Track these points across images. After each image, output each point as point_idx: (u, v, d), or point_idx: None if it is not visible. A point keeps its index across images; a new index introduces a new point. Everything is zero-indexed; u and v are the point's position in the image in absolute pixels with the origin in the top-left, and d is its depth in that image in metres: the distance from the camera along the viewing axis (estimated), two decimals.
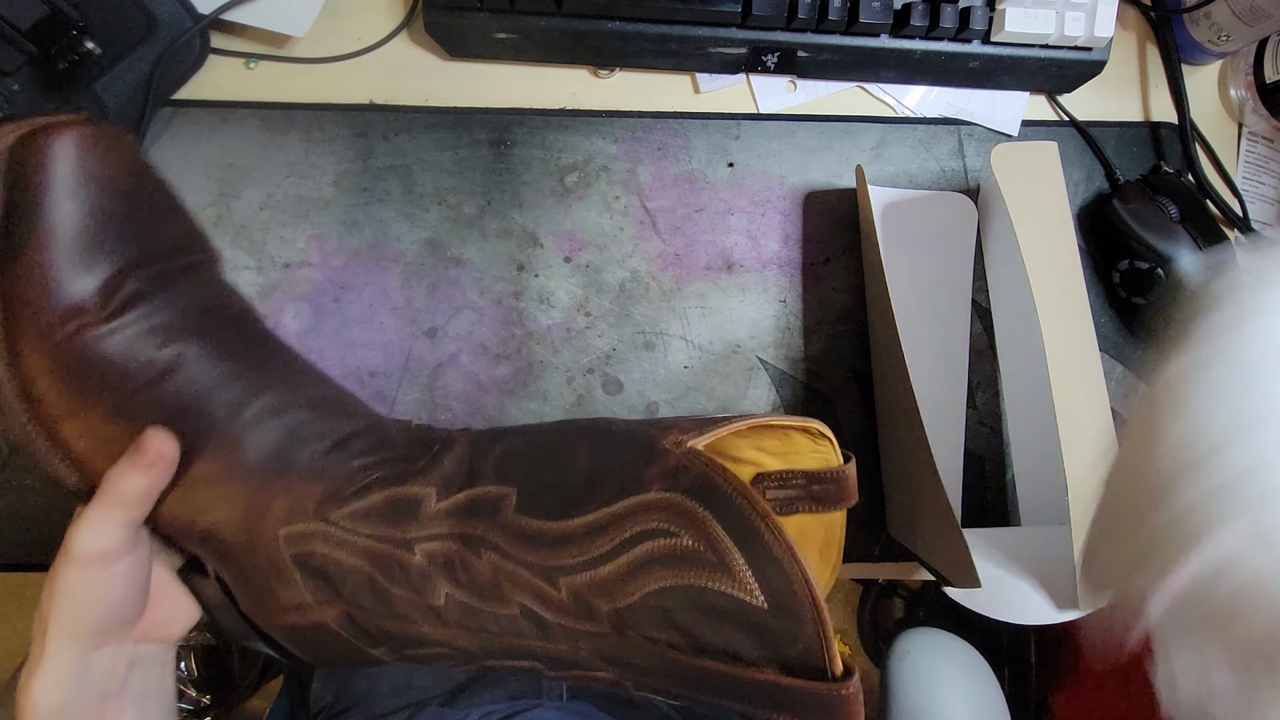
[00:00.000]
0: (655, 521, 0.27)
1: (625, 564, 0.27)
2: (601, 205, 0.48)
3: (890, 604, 1.26)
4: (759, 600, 0.25)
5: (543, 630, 0.29)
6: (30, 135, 0.28)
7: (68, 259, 0.29)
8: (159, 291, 0.32)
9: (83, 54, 0.41)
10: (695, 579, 0.26)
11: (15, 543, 0.46)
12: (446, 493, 0.32)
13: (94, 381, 0.30)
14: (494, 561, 0.29)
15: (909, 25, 0.46)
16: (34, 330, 0.29)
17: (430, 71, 0.48)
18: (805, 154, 0.49)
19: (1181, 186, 0.49)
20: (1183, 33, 0.51)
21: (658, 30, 0.46)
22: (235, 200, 0.47)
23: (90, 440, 0.31)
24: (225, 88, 0.47)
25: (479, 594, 0.30)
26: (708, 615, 0.26)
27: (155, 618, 0.35)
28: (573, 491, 0.29)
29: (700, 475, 0.28)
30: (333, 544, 0.32)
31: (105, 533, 0.30)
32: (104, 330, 0.30)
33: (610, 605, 0.27)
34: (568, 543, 0.28)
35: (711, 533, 0.26)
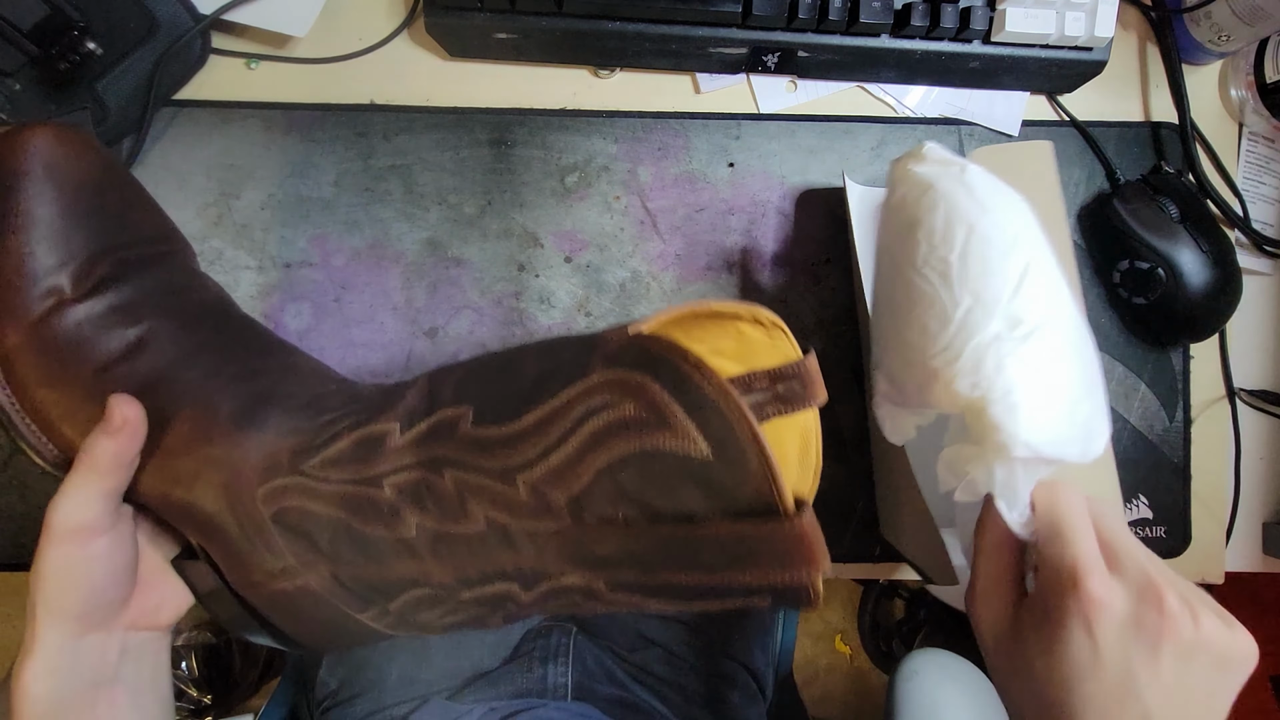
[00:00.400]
0: (596, 399, 0.26)
1: (574, 447, 0.26)
2: (602, 205, 0.48)
3: (890, 604, 1.26)
4: (702, 450, 0.25)
5: (509, 543, 0.29)
6: (5, 135, 0.31)
7: (43, 244, 0.31)
8: (130, 275, 0.34)
9: (84, 54, 0.41)
10: (640, 444, 0.25)
11: (15, 543, 0.46)
12: (409, 425, 0.31)
13: (69, 357, 0.32)
14: (455, 477, 0.29)
15: (909, 25, 0.46)
16: (12, 309, 0.31)
17: (430, 71, 0.48)
18: (805, 154, 0.49)
19: (1182, 186, 0.49)
20: (1183, 33, 0.51)
21: (658, 30, 0.46)
22: (236, 200, 0.47)
23: (66, 415, 0.32)
24: (226, 88, 0.47)
25: (445, 516, 0.30)
26: (656, 479, 0.26)
27: (145, 604, 0.35)
28: (522, 395, 0.29)
29: (639, 350, 0.27)
30: (307, 495, 0.32)
31: (81, 505, 0.31)
32: (77, 309, 0.32)
33: (566, 493, 0.27)
34: (520, 440, 0.28)
35: (650, 395, 0.25)
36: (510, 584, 0.30)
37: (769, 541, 0.25)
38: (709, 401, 0.25)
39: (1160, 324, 0.49)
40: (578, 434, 0.26)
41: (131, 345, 0.33)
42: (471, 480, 0.29)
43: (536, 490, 0.27)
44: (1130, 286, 0.49)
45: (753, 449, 0.24)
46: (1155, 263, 0.48)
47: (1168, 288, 0.48)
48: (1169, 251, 0.48)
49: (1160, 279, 0.48)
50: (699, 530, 0.25)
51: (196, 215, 0.46)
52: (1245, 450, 0.52)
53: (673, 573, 0.27)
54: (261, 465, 0.33)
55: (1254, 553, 0.54)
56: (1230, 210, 0.51)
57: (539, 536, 0.28)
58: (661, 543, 0.26)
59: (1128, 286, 0.49)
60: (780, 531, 0.25)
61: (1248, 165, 0.53)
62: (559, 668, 0.59)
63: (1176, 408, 0.51)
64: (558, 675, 0.59)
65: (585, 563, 0.28)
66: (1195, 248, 0.48)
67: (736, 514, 0.25)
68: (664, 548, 0.26)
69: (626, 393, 0.26)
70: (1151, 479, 0.51)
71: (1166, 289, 0.48)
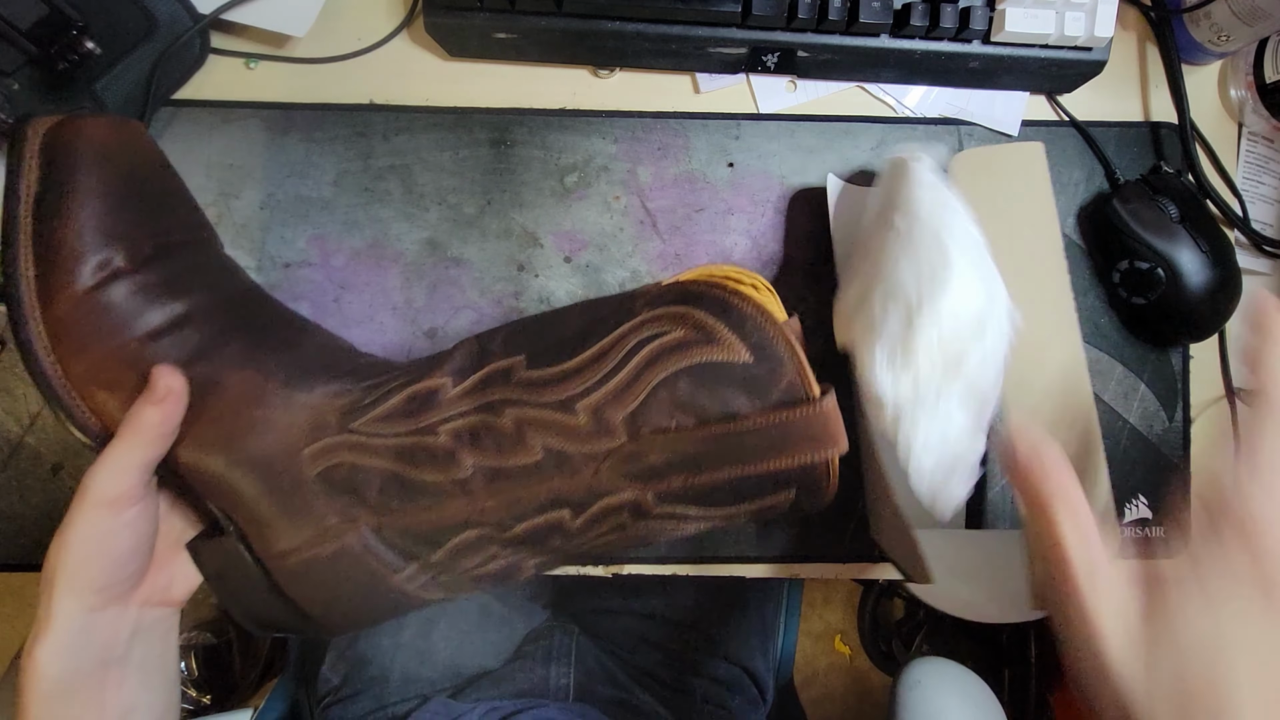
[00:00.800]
0: (649, 330, 0.32)
1: (631, 369, 0.31)
2: (601, 205, 0.48)
3: (890, 604, 1.26)
4: (744, 355, 0.30)
5: (565, 466, 0.32)
6: (64, 122, 0.33)
7: (94, 222, 0.33)
8: (173, 254, 0.36)
9: (83, 54, 0.41)
10: (691, 358, 0.31)
11: (15, 543, 0.46)
12: (461, 379, 0.35)
13: (115, 327, 0.33)
14: (514, 415, 0.32)
15: (909, 25, 0.46)
16: (61, 280, 0.32)
17: (430, 71, 0.48)
18: (805, 154, 0.49)
19: (1181, 186, 0.49)
20: (1183, 33, 0.51)
21: (658, 30, 0.46)
22: (235, 200, 0.47)
23: (111, 384, 0.33)
24: (225, 88, 0.47)
25: (502, 451, 0.33)
26: (705, 385, 0.30)
27: (158, 580, 0.36)
28: (572, 341, 0.33)
29: (676, 291, 0.33)
30: (358, 451, 0.34)
31: (121, 473, 0.32)
32: (124, 283, 0.33)
33: (624, 411, 0.31)
34: (578, 373, 0.32)
35: (696, 319, 0.31)
36: (561, 511, 0.33)
37: (801, 423, 0.30)
38: (748, 318, 0.31)
39: (1160, 324, 0.49)
40: (634, 359, 0.31)
41: (178, 318, 0.34)
42: (531, 415, 0.32)
43: (597, 413, 0.31)
44: (1130, 286, 0.49)
45: (786, 350, 0.30)
46: (1155, 263, 0.48)
47: (1167, 288, 0.48)
48: (1168, 251, 0.48)
49: (1160, 279, 0.48)
50: (742, 424, 0.30)
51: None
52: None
53: (717, 469, 0.31)
54: (308, 426, 0.34)
55: None
56: (1230, 210, 0.51)
57: (597, 456, 0.32)
58: (709, 440, 0.31)
59: (1127, 286, 0.49)
60: (810, 413, 0.30)
61: (1247, 165, 0.53)
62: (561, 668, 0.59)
63: (1176, 408, 0.51)
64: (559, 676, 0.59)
65: (638, 475, 0.32)
66: (1195, 248, 0.48)
67: (774, 405, 0.30)
68: (712, 444, 0.31)
69: (675, 321, 0.31)
70: (1151, 479, 0.51)
71: (1166, 289, 0.48)
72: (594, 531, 0.34)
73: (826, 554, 0.49)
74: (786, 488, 0.32)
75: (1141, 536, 0.51)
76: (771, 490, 0.32)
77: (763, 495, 0.32)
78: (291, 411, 0.35)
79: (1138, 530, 0.51)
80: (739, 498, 0.32)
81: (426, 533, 0.34)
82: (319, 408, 0.35)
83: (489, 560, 0.35)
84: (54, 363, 0.33)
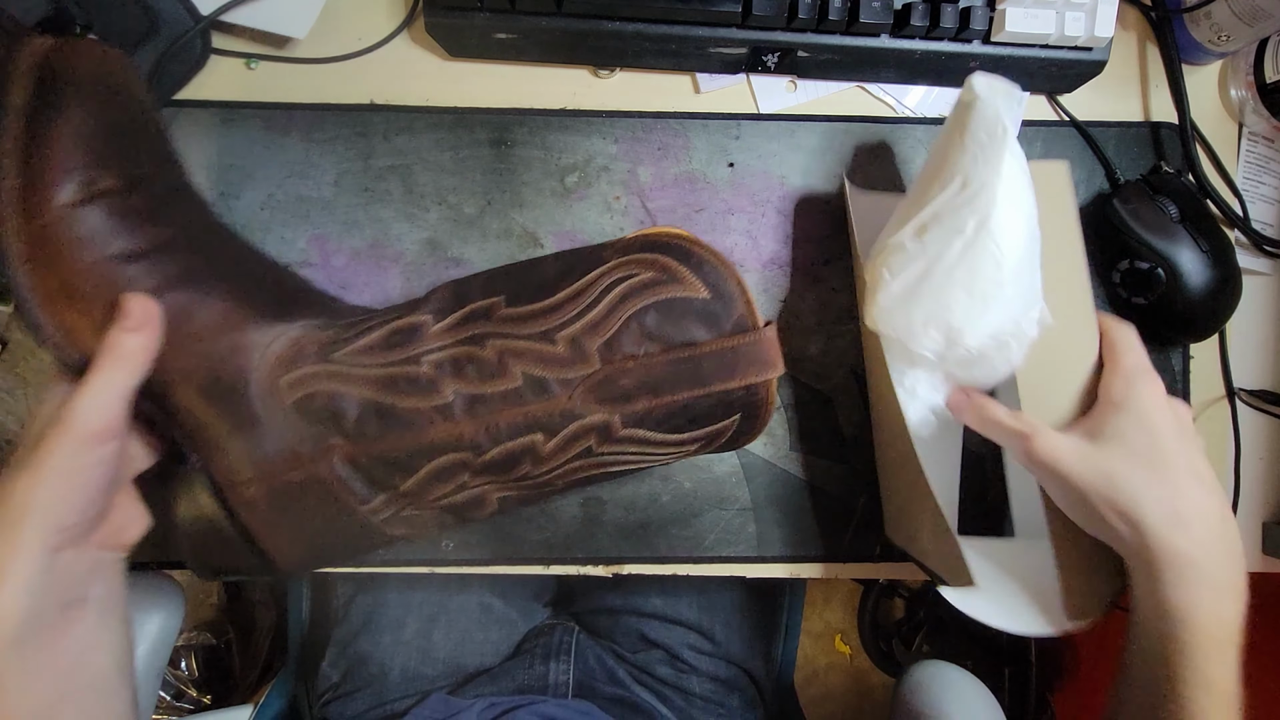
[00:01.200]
0: (620, 272, 0.36)
1: (606, 305, 0.35)
2: (602, 205, 0.48)
3: (890, 604, 1.26)
4: (703, 292, 0.35)
5: (542, 391, 0.35)
6: (60, 45, 0.34)
7: (81, 143, 0.33)
8: (153, 183, 0.36)
9: None
10: (658, 295, 0.35)
11: None
12: (440, 317, 0.37)
13: (92, 246, 0.33)
14: (497, 345, 0.36)
15: (909, 25, 0.46)
16: (45, 194, 0.32)
17: (430, 72, 0.48)
18: (805, 154, 0.49)
19: (1181, 186, 0.49)
20: (1183, 33, 0.51)
21: (658, 30, 0.46)
22: (236, 200, 0.47)
23: (82, 305, 0.33)
24: (226, 88, 0.47)
25: (484, 378, 0.35)
26: (670, 317, 0.35)
27: (112, 523, 0.35)
28: (549, 284, 0.37)
29: (643, 241, 0.37)
30: (338, 380, 0.36)
31: (105, 404, 0.32)
32: (109, 201, 0.34)
33: (599, 340, 0.35)
34: (557, 309, 0.36)
35: (662, 263, 0.36)
36: (535, 434, 0.36)
37: (748, 348, 0.35)
38: (705, 261, 0.36)
39: (1160, 324, 0.49)
40: (608, 296, 0.36)
41: (156, 244, 0.35)
42: (512, 345, 0.36)
43: (574, 342, 0.35)
44: (1130, 286, 0.49)
45: (737, 289, 0.36)
46: (1155, 263, 0.48)
47: (1167, 288, 0.48)
48: (1169, 251, 0.48)
49: (1160, 279, 0.48)
50: (700, 349, 0.35)
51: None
52: (1245, 450, 0.52)
53: (677, 392, 0.35)
54: (287, 355, 0.36)
55: (1253, 553, 0.54)
56: (1230, 210, 0.51)
57: (573, 381, 0.35)
58: (672, 364, 0.35)
59: (1128, 286, 0.49)
60: (756, 339, 0.35)
61: (1247, 165, 0.53)
62: (560, 665, 0.59)
63: None
64: (559, 673, 0.59)
65: (609, 398, 0.35)
66: (1195, 248, 0.48)
67: (726, 334, 0.35)
68: (674, 368, 0.35)
69: (643, 265, 0.36)
70: None
71: (1166, 289, 0.48)
72: (562, 457, 0.37)
73: (826, 554, 0.49)
74: (731, 413, 0.37)
75: None
76: (721, 415, 0.37)
77: (712, 420, 0.37)
78: (270, 340, 0.36)
79: None
80: (692, 422, 0.37)
81: (402, 458, 0.36)
82: (298, 339, 0.36)
83: (458, 489, 0.37)
84: (28, 273, 0.33)
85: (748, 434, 0.39)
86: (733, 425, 0.38)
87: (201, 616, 1.10)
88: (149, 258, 0.34)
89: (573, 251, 0.39)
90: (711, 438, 0.38)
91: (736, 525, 0.49)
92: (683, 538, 0.48)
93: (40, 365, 0.46)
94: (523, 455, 0.36)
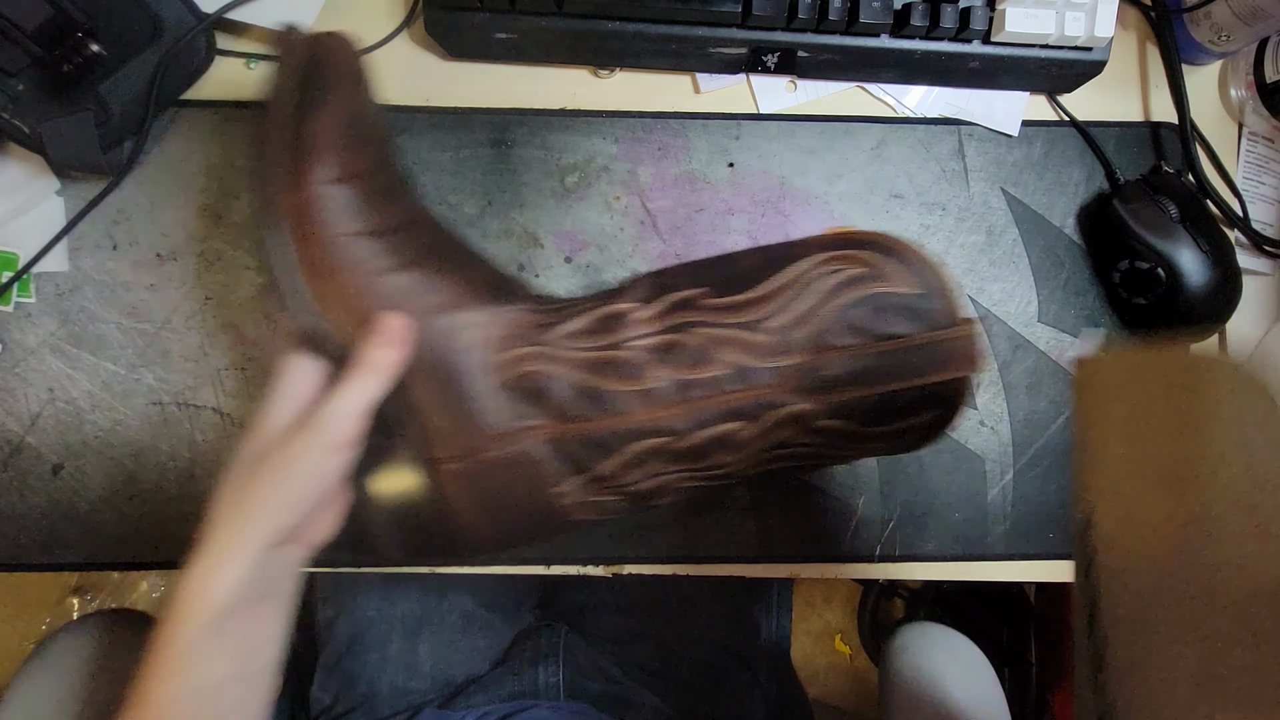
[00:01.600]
0: (828, 267, 0.37)
1: (815, 297, 0.37)
2: (602, 205, 0.48)
3: (891, 604, 1.26)
4: (911, 288, 0.37)
5: (746, 379, 0.36)
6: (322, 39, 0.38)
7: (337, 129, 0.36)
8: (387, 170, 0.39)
9: (87, 57, 0.41)
10: (867, 289, 0.37)
11: (16, 543, 0.46)
12: (644, 305, 0.38)
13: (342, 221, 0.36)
14: (703, 334, 0.37)
15: (909, 25, 0.46)
16: (307, 173, 0.35)
17: (430, 71, 0.49)
18: (805, 154, 0.49)
19: (1182, 187, 0.49)
20: (1183, 33, 0.51)
21: (658, 30, 0.46)
22: (236, 200, 0.47)
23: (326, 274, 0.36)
24: (227, 88, 0.47)
25: (690, 364, 0.36)
26: (879, 312, 0.36)
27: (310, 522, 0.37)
28: (750, 276, 0.38)
29: (843, 239, 0.38)
30: (549, 361, 0.37)
31: (357, 415, 0.34)
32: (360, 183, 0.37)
33: (806, 331, 0.36)
34: (762, 301, 0.37)
35: (871, 259, 0.37)
36: (736, 422, 0.37)
37: (955, 343, 0.36)
38: (912, 258, 0.37)
39: (1161, 323, 0.49)
40: (815, 289, 0.37)
41: (399, 223, 0.38)
42: (717, 333, 0.37)
43: (780, 332, 0.36)
44: (1130, 287, 0.49)
45: (946, 286, 0.37)
46: (1155, 263, 0.48)
47: (1168, 288, 0.48)
48: (1169, 251, 0.48)
49: (1160, 279, 0.48)
50: (908, 341, 0.36)
51: (197, 215, 0.46)
52: None
53: (881, 383, 0.36)
54: (505, 335, 0.37)
55: None
56: (1230, 210, 0.51)
57: (776, 370, 0.36)
58: (880, 355, 0.36)
59: (1128, 287, 0.49)
60: (964, 333, 0.37)
61: (1247, 165, 0.53)
62: (550, 668, 0.59)
63: None
64: (549, 675, 0.59)
65: (812, 387, 0.36)
66: (1195, 247, 0.48)
67: (936, 328, 0.36)
68: (880, 359, 0.36)
69: (849, 261, 0.37)
70: None
71: (1166, 289, 0.48)
72: (758, 445, 0.37)
73: (826, 554, 0.49)
74: (928, 408, 0.38)
75: None
76: (917, 410, 0.38)
77: (908, 415, 0.38)
78: (486, 321, 0.37)
79: None
80: (889, 415, 0.37)
81: (605, 441, 0.37)
82: (512, 321, 0.38)
83: (650, 476, 0.38)
84: (291, 242, 0.35)
85: (935, 433, 0.40)
86: (928, 420, 0.39)
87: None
88: (388, 237, 0.37)
89: (768, 247, 0.40)
90: (902, 434, 0.39)
91: (736, 525, 0.49)
92: (682, 537, 0.48)
93: (39, 365, 0.46)
94: (721, 443, 0.37)
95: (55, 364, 0.46)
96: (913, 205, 0.50)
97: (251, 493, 0.33)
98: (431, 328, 0.36)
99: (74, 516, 0.46)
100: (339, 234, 0.36)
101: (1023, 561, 0.51)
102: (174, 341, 0.46)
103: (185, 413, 0.46)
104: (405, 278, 0.36)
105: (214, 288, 0.47)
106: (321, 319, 0.36)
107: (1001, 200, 0.50)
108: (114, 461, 0.46)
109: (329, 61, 0.37)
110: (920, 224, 0.50)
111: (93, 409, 0.46)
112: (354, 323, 0.35)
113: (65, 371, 0.46)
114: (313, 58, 0.37)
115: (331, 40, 0.38)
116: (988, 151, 0.51)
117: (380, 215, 0.37)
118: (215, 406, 0.47)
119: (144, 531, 0.47)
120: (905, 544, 0.50)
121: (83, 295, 0.46)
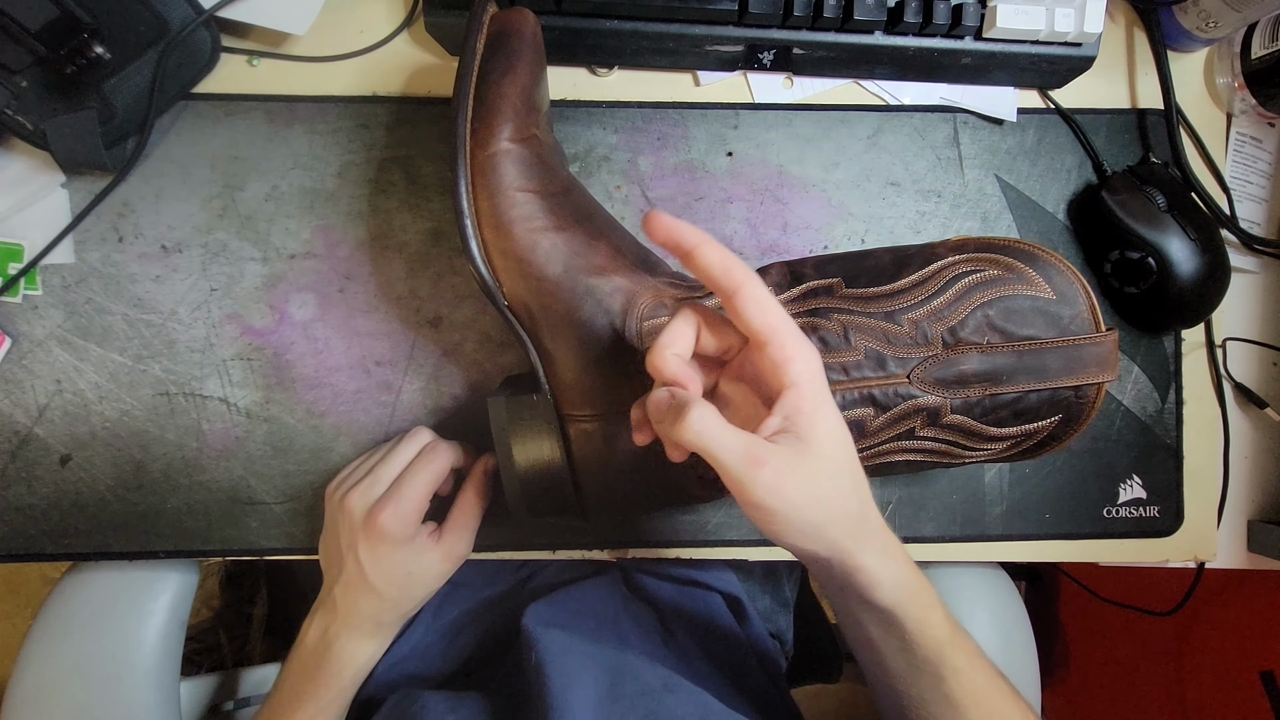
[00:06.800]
0: (964, 267, 0.39)
1: (951, 295, 0.38)
2: (603, 195, 0.49)
3: None
4: (1049, 293, 0.38)
5: (881, 366, 0.38)
6: (507, 11, 0.41)
7: (517, 95, 0.39)
8: (548, 138, 0.41)
9: (91, 58, 0.41)
10: (1004, 291, 0.38)
11: (23, 534, 0.46)
12: (780, 290, 0.40)
13: (516, 180, 0.38)
14: (841, 320, 0.38)
15: (902, 22, 0.47)
16: (488, 134, 0.38)
17: (430, 71, 0.49)
18: (803, 143, 0.50)
19: (1169, 177, 0.50)
20: (1170, 19, 0.51)
21: (655, 29, 0.46)
22: (240, 192, 0.47)
23: (496, 227, 0.38)
24: (229, 84, 0.48)
25: (828, 348, 0.38)
26: (1015, 314, 0.38)
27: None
28: (886, 272, 0.40)
29: (982, 243, 0.40)
30: None
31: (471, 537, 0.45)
32: (534, 146, 0.39)
33: (944, 326, 0.38)
34: (901, 294, 0.39)
35: (1007, 263, 0.39)
36: (868, 408, 0.38)
37: (1091, 348, 0.38)
38: (1051, 265, 0.39)
39: (1152, 311, 0.50)
40: (953, 287, 0.38)
41: (562, 188, 0.40)
42: (857, 321, 0.38)
43: (919, 325, 0.38)
44: (1121, 276, 0.50)
45: (1082, 293, 0.38)
46: (1145, 252, 0.48)
47: (1158, 276, 0.48)
48: (1158, 241, 0.48)
49: (1150, 268, 0.48)
50: (1045, 344, 0.38)
51: (201, 208, 0.47)
52: (1232, 450, 0.53)
53: (1014, 382, 0.38)
54: (651, 303, 0.39)
55: (1239, 550, 0.54)
56: (1217, 208, 0.52)
57: (912, 361, 0.38)
58: (1016, 354, 0.38)
59: (1119, 276, 0.50)
60: (1101, 340, 0.38)
61: (1235, 165, 0.54)
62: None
63: (1169, 390, 0.52)
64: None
65: (946, 381, 0.38)
66: (1183, 236, 0.48)
67: (1069, 334, 0.38)
68: (1015, 359, 0.38)
69: (988, 263, 0.39)
70: (1145, 460, 0.52)
71: (1157, 278, 0.48)
72: (886, 434, 0.39)
73: None
74: (1055, 413, 0.39)
75: (1136, 516, 0.51)
76: (1045, 414, 0.39)
77: (1036, 417, 0.39)
78: (638, 288, 0.39)
79: (1132, 510, 0.51)
80: (1017, 416, 0.39)
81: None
82: (659, 289, 0.40)
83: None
84: (470, 193, 0.38)
85: (1059, 440, 0.40)
86: (1049, 428, 0.39)
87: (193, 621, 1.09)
88: (551, 199, 0.39)
89: (899, 247, 0.42)
90: (1026, 437, 0.40)
91: (740, 510, 0.49)
92: (686, 522, 0.49)
93: (47, 357, 0.46)
94: (851, 428, 0.36)
95: (62, 356, 0.46)
96: (909, 192, 0.51)
97: (390, 589, 0.42)
98: (583, 286, 0.38)
99: (82, 507, 0.46)
100: (512, 188, 0.38)
101: (1020, 542, 0.51)
102: (180, 332, 0.47)
103: (192, 403, 0.47)
104: (563, 237, 0.39)
105: (219, 279, 0.47)
106: (487, 265, 0.39)
107: (996, 187, 0.51)
108: (121, 452, 0.47)
109: (517, 33, 0.40)
110: (916, 211, 0.51)
111: (100, 400, 0.46)
112: (514, 271, 0.38)
113: (72, 363, 0.46)
114: (502, 29, 0.40)
115: (517, 14, 0.40)
116: (982, 139, 0.51)
117: (546, 177, 0.39)
118: (221, 397, 0.47)
119: (152, 521, 0.47)
120: (905, 525, 0.50)
121: (89, 287, 0.46)
